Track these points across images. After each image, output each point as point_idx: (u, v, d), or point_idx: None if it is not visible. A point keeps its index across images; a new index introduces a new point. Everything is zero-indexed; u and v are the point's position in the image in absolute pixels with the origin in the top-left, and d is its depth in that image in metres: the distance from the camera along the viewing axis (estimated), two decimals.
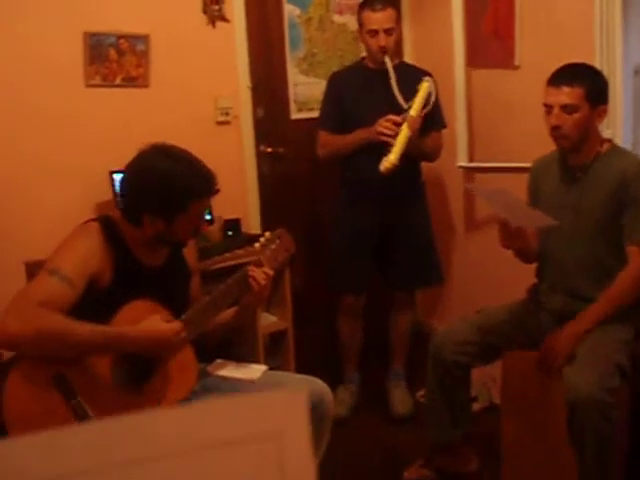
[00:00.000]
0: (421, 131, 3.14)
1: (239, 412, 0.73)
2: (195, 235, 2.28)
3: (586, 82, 2.47)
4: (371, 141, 3.11)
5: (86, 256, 2.04)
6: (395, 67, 3.24)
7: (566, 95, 2.47)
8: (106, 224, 2.14)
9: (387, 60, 3.20)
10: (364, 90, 3.32)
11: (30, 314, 1.89)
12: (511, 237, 2.56)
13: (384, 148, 3.02)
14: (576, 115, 2.47)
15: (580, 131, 2.49)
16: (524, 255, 2.72)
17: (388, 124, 3.06)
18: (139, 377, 2.06)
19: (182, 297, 2.32)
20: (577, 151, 2.56)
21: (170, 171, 2.07)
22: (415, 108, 3.08)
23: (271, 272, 2.29)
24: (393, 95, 3.14)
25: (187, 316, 2.13)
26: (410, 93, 3.13)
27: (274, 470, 0.69)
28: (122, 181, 2.16)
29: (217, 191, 2.23)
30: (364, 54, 3.41)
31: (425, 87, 3.14)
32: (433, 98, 3.17)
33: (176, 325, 2.06)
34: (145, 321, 2.03)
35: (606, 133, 3.06)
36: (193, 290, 2.41)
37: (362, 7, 3.29)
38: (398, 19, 3.26)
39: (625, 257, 2.53)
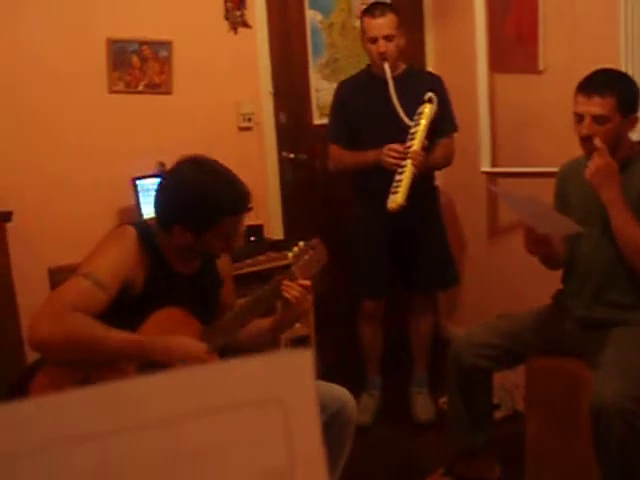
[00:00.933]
0: (431, 140, 3.13)
1: (241, 375, 0.70)
2: (228, 250, 2.25)
3: (618, 91, 2.41)
4: (379, 165, 3.11)
5: (121, 261, 2.03)
6: (401, 74, 3.24)
7: (598, 105, 2.40)
8: (142, 230, 2.13)
9: (386, 67, 3.16)
10: (368, 98, 3.31)
11: (63, 318, 1.88)
12: (537, 243, 2.52)
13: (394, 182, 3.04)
14: (608, 125, 2.42)
15: (612, 141, 2.45)
16: (550, 261, 2.69)
17: (392, 154, 3.05)
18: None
19: (212, 305, 2.30)
20: None
21: (203, 186, 2.04)
22: (418, 139, 3.05)
23: (308, 283, 2.22)
24: (394, 106, 3.13)
25: (217, 325, 2.13)
26: (415, 100, 3.11)
27: (279, 435, 0.67)
28: (157, 189, 2.16)
29: (250, 209, 2.21)
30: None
31: (427, 111, 3.09)
32: (433, 115, 3.11)
33: (202, 347, 2.02)
34: (176, 339, 2.00)
35: (634, 137, 3.02)
36: (226, 297, 2.38)
37: (363, 14, 3.28)
38: (399, 25, 3.21)
39: None
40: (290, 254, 2.26)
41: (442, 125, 3.24)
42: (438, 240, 3.49)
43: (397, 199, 2.99)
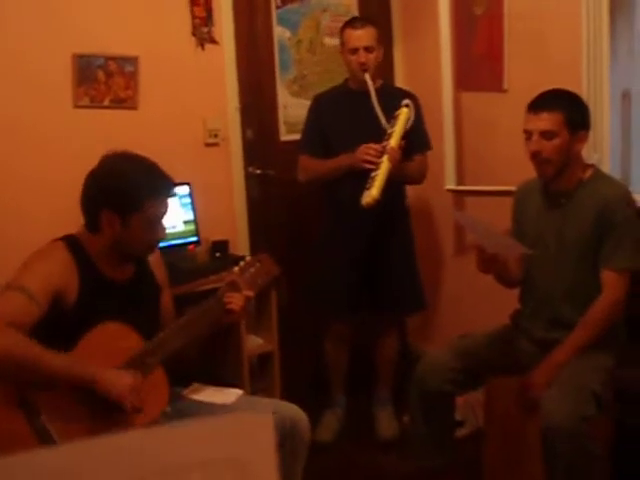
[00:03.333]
0: (405, 154, 3.13)
1: (202, 436, 0.70)
2: (153, 246, 2.27)
3: (565, 108, 2.47)
4: (353, 167, 3.10)
5: (50, 275, 2.07)
6: (378, 89, 3.23)
7: (545, 121, 2.46)
8: (70, 242, 2.17)
9: (367, 77, 3.19)
10: (346, 112, 3.33)
11: None
12: (486, 262, 2.55)
13: (366, 174, 3.02)
14: (555, 141, 2.46)
15: (560, 156, 2.48)
16: (504, 280, 2.72)
17: (369, 151, 3.05)
18: (107, 400, 2.05)
19: (151, 312, 2.32)
20: (559, 177, 2.54)
21: (126, 169, 2.14)
22: (395, 138, 3.06)
23: (251, 294, 2.30)
24: (375, 116, 3.13)
25: (157, 339, 2.13)
26: (392, 115, 3.13)
27: None
28: (83, 186, 2.18)
29: (173, 195, 2.25)
30: (347, 76, 3.41)
31: (404, 114, 3.12)
32: (410, 123, 3.15)
33: (131, 381, 2.03)
34: (108, 371, 2.01)
35: (593, 158, 3.05)
36: (164, 306, 2.41)
37: (343, 26, 3.32)
38: (379, 39, 3.26)
39: None
40: (236, 268, 2.31)
41: (416, 142, 3.25)
42: (408, 262, 3.49)
43: (372, 193, 2.95)
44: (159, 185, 2.18)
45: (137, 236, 2.16)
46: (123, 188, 2.11)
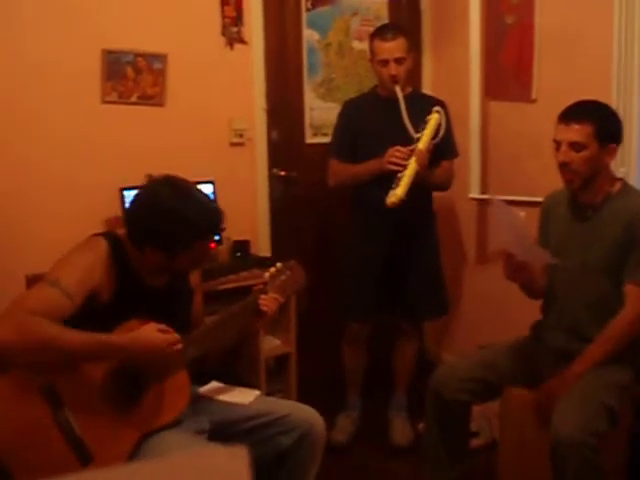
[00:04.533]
0: (431, 161, 3.12)
1: (176, 472, 0.69)
2: (198, 267, 2.29)
3: (596, 120, 2.44)
4: (382, 172, 3.10)
5: (88, 271, 2.05)
6: (407, 96, 3.24)
7: (574, 132, 2.44)
8: (113, 241, 2.15)
9: (398, 89, 3.19)
10: (375, 119, 3.32)
11: (20, 321, 1.90)
12: (515, 270, 2.52)
13: (394, 177, 3.02)
14: (584, 153, 2.44)
15: (588, 168, 2.46)
16: (529, 290, 2.69)
17: (397, 154, 3.05)
18: (130, 394, 2.05)
19: (183, 317, 2.32)
20: (586, 189, 2.52)
21: (176, 210, 2.08)
22: (424, 141, 3.07)
23: (281, 299, 2.31)
24: (404, 124, 3.13)
25: (190, 337, 2.13)
26: (421, 123, 3.13)
27: None
28: (129, 208, 2.18)
29: (223, 229, 2.24)
30: (376, 82, 3.41)
31: (434, 119, 3.13)
32: (442, 130, 3.16)
33: (171, 337, 2.04)
34: (139, 330, 2.02)
35: (620, 172, 3.02)
36: (195, 309, 2.42)
37: (373, 36, 3.29)
38: (409, 48, 3.25)
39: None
40: (267, 274, 2.30)
41: (443, 149, 3.25)
42: (432, 268, 3.48)
43: (397, 192, 2.96)
44: (209, 226, 2.16)
45: (181, 265, 2.20)
46: (172, 231, 2.09)
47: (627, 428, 2.47)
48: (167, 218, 2.08)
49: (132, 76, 3.34)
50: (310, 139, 3.91)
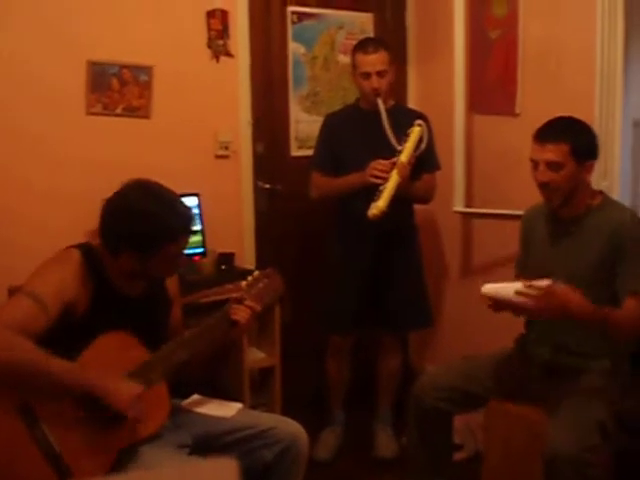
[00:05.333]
0: (413, 174, 3.14)
1: None
2: (173, 272, 2.28)
3: (571, 139, 2.45)
4: (363, 184, 3.11)
5: (63, 283, 2.05)
6: (390, 109, 3.26)
7: (551, 152, 2.45)
8: (87, 252, 2.15)
9: (379, 102, 3.20)
10: (357, 132, 3.34)
11: (1, 340, 1.88)
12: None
13: (375, 191, 3.02)
14: (562, 172, 2.45)
15: (567, 186, 2.48)
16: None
17: (379, 167, 3.06)
18: (108, 408, 2.04)
19: (161, 327, 2.32)
20: (567, 205, 2.53)
21: (147, 211, 2.09)
22: (405, 154, 3.08)
23: (255, 305, 2.29)
24: (386, 137, 3.15)
25: (161, 355, 2.12)
26: (403, 135, 3.14)
27: None
28: (102, 214, 2.17)
29: (193, 232, 2.24)
30: (359, 95, 3.42)
31: (416, 132, 3.15)
32: (424, 143, 3.17)
33: (134, 391, 2.01)
34: (111, 379, 2.00)
35: (602, 185, 3.05)
36: (173, 319, 2.41)
37: (355, 50, 3.31)
38: (391, 61, 3.26)
39: None
40: (243, 283, 2.30)
41: (425, 162, 3.26)
42: (415, 280, 3.49)
43: (379, 204, 2.97)
44: (181, 227, 2.16)
45: (155, 270, 2.18)
46: (144, 232, 2.08)
47: (613, 443, 2.47)
48: (138, 220, 2.08)
49: (117, 88, 3.34)
50: (295, 152, 3.92)
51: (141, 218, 2.08)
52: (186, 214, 2.18)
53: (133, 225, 2.08)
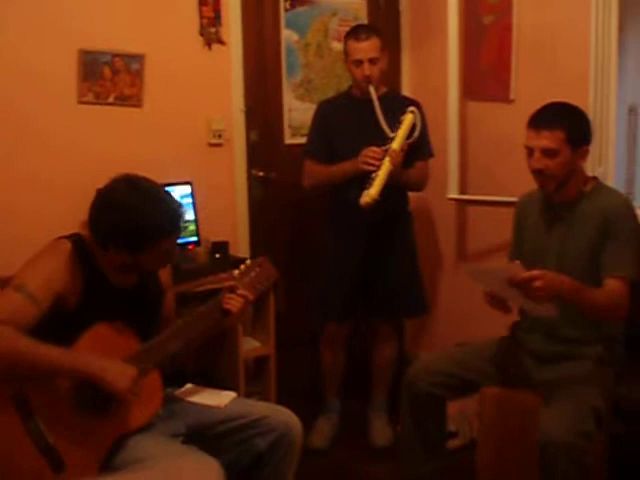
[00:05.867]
0: (406, 161, 3.13)
1: None
2: (164, 267, 2.27)
3: (565, 125, 2.44)
4: (356, 172, 3.10)
5: (54, 274, 2.04)
6: (382, 96, 3.24)
7: (546, 139, 2.44)
8: (78, 243, 2.14)
9: (372, 90, 3.19)
10: (350, 119, 3.32)
11: None
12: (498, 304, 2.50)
13: (368, 179, 3.01)
14: (558, 159, 2.44)
15: (563, 173, 2.47)
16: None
17: (371, 154, 3.05)
18: (102, 400, 2.03)
19: (153, 316, 2.31)
20: (560, 190, 2.53)
21: (137, 209, 2.06)
22: (398, 141, 3.08)
23: (247, 293, 2.28)
24: (379, 124, 3.13)
25: (154, 344, 2.11)
26: (396, 122, 3.13)
27: None
28: (91, 208, 2.15)
29: (184, 229, 2.23)
30: (352, 83, 3.40)
31: (409, 119, 3.14)
32: (418, 130, 3.16)
33: (130, 372, 1.99)
34: (108, 361, 1.98)
35: (597, 171, 3.04)
36: (166, 309, 2.40)
37: (347, 37, 3.29)
38: (383, 48, 3.25)
39: None
40: (236, 271, 2.29)
41: (418, 149, 3.25)
42: (409, 267, 3.49)
43: (370, 192, 2.97)
44: (172, 224, 2.14)
45: (147, 265, 2.17)
46: (134, 230, 2.06)
47: (607, 428, 2.47)
48: (127, 217, 2.06)
49: (109, 76, 3.32)
50: (289, 140, 3.90)
51: (130, 216, 2.06)
52: (176, 211, 2.15)
53: (122, 223, 2.06)
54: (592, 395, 2.37)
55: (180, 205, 2.18)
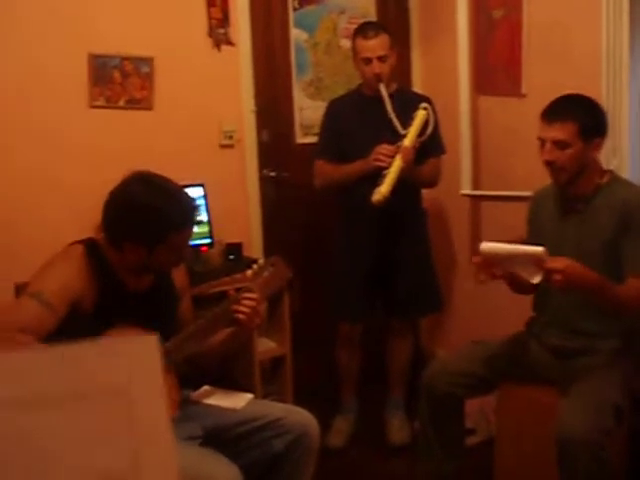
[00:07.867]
0: (418, 158, 3.11)
1: (81, 363, 0.66)
2: (179, 264, 2.27)
3: (578, 117, 2.42)
4: (368, 170, 3.08)
5: (68, 280, 2.04)
6: (393, 93, 3.23)
7: (558, 131, 2.42)
8: (91, 248, 2.14)
9: (382, 87, 3.18)
10: (361, 118, 3.31)
11: (8, 342, 1.87)
12: (518, 284, 2.47)
13: (380, 177, 3.00)
14: (569, 151, 2.42)
15: (574, 165, 2.45)
16: (520, 286, 2.63)
17: (383, 151, 3.03)
18: None
19: (168, 321, 2.30)
20: (574, 183, 2.50)
21: (150, 202, 2.07)
22: (409, 138, 3.06)
23: (254, 296, 2.25)
24: (390, 121, 3.12)
25: (167, 346, 2.11)
26: (408, 119, 3.11)
27: (123, 430, 0.62)
28: (104, 208, 2.16)
29: (198, 222, 2.22)
30: (361, 81, 3.39)
31: (421, 116, 3.12)
32: (431, 127, 3.14)
33: None
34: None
35: (612, 163, 3.01)
36: (183, 312, 2.40)
37: (355, 34, 3.27)
38: (392, 45, 3.22)
39: None
40: (249, 272, 2.28)
41: (430, 146, 3.23)
42: (424, 264, 3.47)
43: (382, 190, 2.96)
44: (185, 217, 2.15)
45: (161, 261, 2.16)
46: (148, 224, 2.07)
47: (627, 423, 2.45)
48: (140, 211, 2.07)
49: (119, 80, 3.32)
50: (300, 139, 3.90)
51: (144, 210, 2.07)
52: (189, 204, 2.17)
53: (136, 218, 2.07)
54: (612, 390, 2.35)
55: (192, 198, 2.20)
